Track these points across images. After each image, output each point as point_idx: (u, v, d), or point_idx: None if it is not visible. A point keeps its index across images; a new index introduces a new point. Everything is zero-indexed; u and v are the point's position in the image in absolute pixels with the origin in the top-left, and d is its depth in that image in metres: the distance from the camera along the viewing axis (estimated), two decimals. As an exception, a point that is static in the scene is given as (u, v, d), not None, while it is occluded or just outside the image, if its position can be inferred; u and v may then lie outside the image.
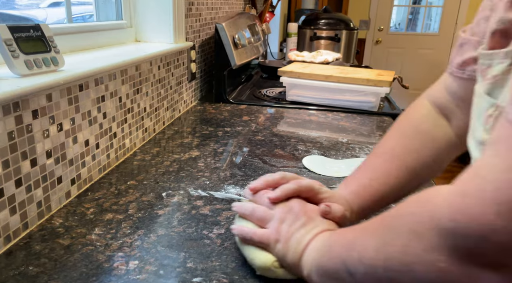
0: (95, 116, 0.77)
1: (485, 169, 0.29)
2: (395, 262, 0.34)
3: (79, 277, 0.51)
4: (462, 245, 0.28)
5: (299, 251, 0.49)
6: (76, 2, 1.03)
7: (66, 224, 0.63)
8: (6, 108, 0.55)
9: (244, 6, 2.04)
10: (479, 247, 0.27)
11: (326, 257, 0.45)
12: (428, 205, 0.32)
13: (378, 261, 0.36)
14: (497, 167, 0.28)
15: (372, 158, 0.62)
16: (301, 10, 3.19)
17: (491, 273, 0.28)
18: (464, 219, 0.28)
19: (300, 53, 1.89)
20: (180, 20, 1.16)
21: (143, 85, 0.97)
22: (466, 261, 0.28)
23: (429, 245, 0.30)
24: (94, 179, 0.78)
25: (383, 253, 0.35)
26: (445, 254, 0.29)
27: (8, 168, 0.56)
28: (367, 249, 0.38)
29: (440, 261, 0.29)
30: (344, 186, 0.61)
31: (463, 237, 0.28)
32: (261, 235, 0.52)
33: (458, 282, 0.29)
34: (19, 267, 0.53)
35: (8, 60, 0.59)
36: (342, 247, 0.43)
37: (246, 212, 0.56)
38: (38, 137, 0.62)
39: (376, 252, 0.36)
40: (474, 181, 0.29)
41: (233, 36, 1.34)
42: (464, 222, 0.28)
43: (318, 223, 0.51)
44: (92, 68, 0.71)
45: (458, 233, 0.28)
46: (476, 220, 0.27)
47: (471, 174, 0.30)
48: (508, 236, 0.26)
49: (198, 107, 1.34)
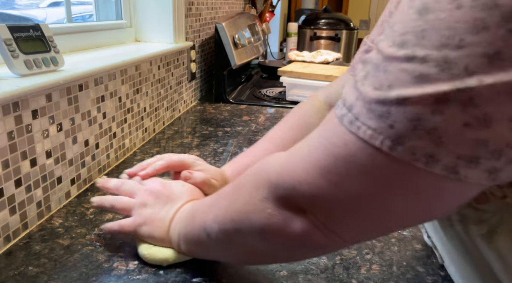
0: (95, 116, 0.77)
1: (309, 135, 0.35)
2: (238, 214, 0.40)
3: (79, 277, 0.51)
4: (281, 194, 0.35)
5: (166, 226, 0.52)
6: (76, 2, 1.03)
7: (66, 224, 0.63)
8: (6, 108, 0.55)
9: (244, 6, 2.04)
10: (291, 195, 0.34)
11: (190, 225, 0.49)
12: (266, 164, 0.38)
13: (227, 216, 0.42)
14: (315, 133, 0.34)
15: (259, 143, 0.67)
16: (301, 10, 3.18)
17: (299, 216, 0.35)
18: (284, 173, 0.35)
19: (300, 53, 1.88)
20: (180, 20, 1.16)
21: (143, 85, 0.97)
22: (283, 207, 0.36)
23: (262, 195, 0.37)
24: (94, 179, 0.78)
25: (231, 208, 0.41)
26: (271, 202, 0.36)
27: (8, 168, 0.56)
28: (220, 208, 0.44)
29: (268, 208, 0.36)
30: (227, 165, 0.66)
31: (282, 188, 0.35)
32: (125, 225, 0.55)
33: (279, 224, 0.36)
34: (18, 267, 0.52)
35: (8, 60, 0.59)
36: (203, 212, 0.48)
37: (106, 205, 0.57)
38: (38, 137, 0.62)
39: (226, 209, 0.42)
40: (300, 144, 0.36)
41: (233, 36, 1.34)
42: (284, 176, 0.35)
43: (180, 196, 0.55)
44: (92, 68, 0.71)
45: (280, 184, 0.35)
46: (290, 173, 0.34)
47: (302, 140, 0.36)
48: (308, 188, 0.33)
49: (198, 107, 1.33)
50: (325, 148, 0.32)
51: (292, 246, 0.37)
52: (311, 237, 0.35)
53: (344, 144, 0.30)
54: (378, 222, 0.33)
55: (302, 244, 0.36)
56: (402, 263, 0.56)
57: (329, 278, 0.52)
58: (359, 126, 0.29)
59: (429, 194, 0.29)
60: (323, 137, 0.33)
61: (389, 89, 0.27)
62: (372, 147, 0.28)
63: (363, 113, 0.29)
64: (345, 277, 0.53)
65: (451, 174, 0.26)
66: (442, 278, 0.53)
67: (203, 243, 0.47)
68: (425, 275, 0.54)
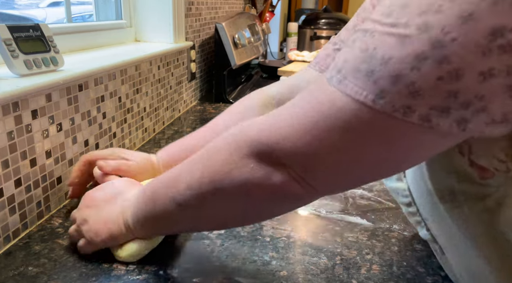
0: (95, 116, 0.77)
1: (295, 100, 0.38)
2: (218, 173, 0.41)
3: (78, 277, 0.51)
4: (262, 150, 0.37)
5: (118, 219, 0.53)
6: (76, 1, 1.03)
7: (65, 224, 0.63)
8: (6, 108, 0.55)
9: (244, 6, 2.04)
10: (273, 151, 0.37)
11: (149, 204, 0.49)
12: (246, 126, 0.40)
13: (204, 179, 0.42)
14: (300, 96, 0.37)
15: (198, 130, 0.69)
16: (301, 9, 3.18)
17: (279, 170, 0.37)
18: (265, 130, 0.38)
19: (300, 53, 1.88)
20: (180, 20, 1.16)
21: (143, 85, 0.97)
22: (264, 162, 0.38)
23: (243, 153, 0.39)
24: (94, 179, 0.78)
25: (208, 170, 0.42)
26: (253, 158, 0.38)
27: (8, 168, 0.56)
28: (194, 173, 0.44)
29: (251, 163, 0.38)
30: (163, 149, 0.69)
31: (264, 144, 0.37)
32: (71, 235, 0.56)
33: (261, 177, 0.38)
34: (18, 267, 0.52)
35: (8, 60, 0.59)
36: (166, 187, 0.47)
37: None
38: (38, 138, 0.62)
39: (202, 173, 0.43)
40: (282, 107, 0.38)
41: (233, 36, 1.34)
42: (265, 133, 0.37)
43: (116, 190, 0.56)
44: (92, 68, 0.71)
45: (261, 141, 0.37)
46: (273, 130, 0.37)
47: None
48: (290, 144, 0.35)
49: (198, 107, 1.33)
50: (312, 106, 0.35)
51: (271, 198, 0.40)
52: (289, 188, 0.37)
53: (331, 102, 0.33)
54: (353, 174, 0.36)
55: (281, 195, 0.39)
56: (402, 263, 0.56)
57: (329, 278, 0.52)
58: (346, 84, 0.32)
59: (404, 143, 0.32)
60: (310, 97, 0.36)
61: (374, 51, 0.31)
62: (357, 102, 0.31)
63: (351, 73, 0.32)
64: (345, 277, 0.53)
65: (425, 122, 0.30)
66: (443, 278, 0.53)
67: (172, 215, 0.47)
68: (425, 275, 0.53)
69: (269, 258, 0.56)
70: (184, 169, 0.46)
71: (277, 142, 0.36)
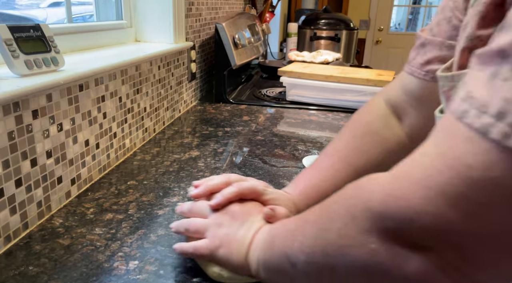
0: (95, 116, 0.77)
1: (419, 155, 0.29)
2: (332, 247, 0.34)
3: (79, 277, 0.51)
4: (390, 226, 0.29)
5: (244, 251, 0.48)
6: (76, 2, 1.03)
7: (66, 224, 0.63)
8: (6, 108, 0.55)
9: (244, 6, 2.04)
10: (405, 229, 0.28)
11: (269, 251, 0.44)
12: (363, 189, 0.32)
13: (316, 247, 0.36)
14: (430, 152, 0.28)
15: (322, 157, 0.62)
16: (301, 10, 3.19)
17: (416, 255, 0.28)
18: (392, 201, 0.28)
19: (300, 53, 1.89)
20: (180, 20, 1.16)
21: (143, 85, 0.97)
22: (393, 243, 0.29)
23: (362, 227, 0.31)
24: (94, 179, 0.78)
25: (321, 238, 0.36)
26: (375, 236, 0.30)
27: (8, 168, 0.56)
28: (306, 236, 0.38)
29: (371, 243, 0.30)
30: (293, 186, 0.60)
31: (391, 219, 0.28)
32: (200, 248, 0.50)
33: (387, 263, 0.30)
34: (19, 267, 0.53)
35: (8, 60, 0.59)
36: (284, 239, 0.42)
37: (180, 230, 0.53)
38: (38, 138, 0.62)
39: (315, 239, 0.36)
40: (407, 166, 0.30)
41: (233, 36, 1.34)
42: (392, 204, 0.28)
43: (257, 217, 0.51)
44: (92, 68, 0.71)
45: (387, 215, 0.29)
46: (403, 202, 0.28)
47: (407, 160, 0.30)
48: (432, 220, 0.26)
49: (198, 107, 1.34)
50: (455, 170, 0.25)
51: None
52: (431, 281, 0.28)
53: (486, 164, 0.24)
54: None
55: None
56: (402, 263, 0.56)
57: (329, 278, 0.52)
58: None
59: None
60: (450, 155, 0.26)
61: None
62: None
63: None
64: (345, 277, 0.53)
65: None
66: (442, 278, 0.53)
67: (287, 273, 0.41)
68: (425, 275, 0.53)
69: (269, 258, 0.56)
70: (300, 224, 0.40)
71: (410, 219, 0.27)
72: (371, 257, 0.30)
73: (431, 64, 0.52)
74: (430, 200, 0.26)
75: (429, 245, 0.27)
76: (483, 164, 0.24)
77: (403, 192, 0.28)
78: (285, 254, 0.40)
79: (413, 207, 0.27)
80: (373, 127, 0.61)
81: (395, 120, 0.61)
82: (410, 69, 0.56)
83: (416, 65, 0.54)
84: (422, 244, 0.28)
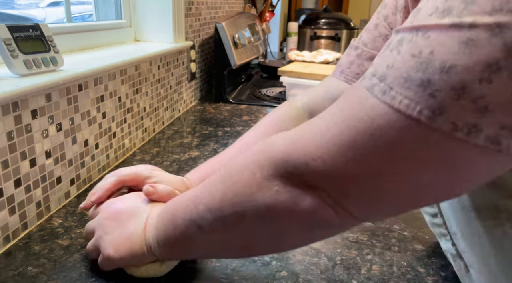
0: (95, 116, 0.77)
1: (326, 112, 0.34)
2: (240, 197, 0.37)
3: (78, 278, 0.51)
4: (290, 171, 0.33)
5: (140, 239, 0.47)
6: (76, 1, 1.03)
7: (65, 224, 0.63)
8: (5, 108, 0.55)
9: (244, 6, 2.04)
10: (302, 172, 0.33)
11: (171, 225, 0.45)
12: (268, 143, 0.37)
13: (225, 201, 0.39)
14: (334, 110, 0.33)
15: (227, 149, 0.64)
16: (301, 9, 3.18)
17: (309, 193, 0.33)
18: (292, 148, 0.33)
19: (300, 53, 1.88)
20: (180, 20, 1.16)
21: (143, 85, 0.97)
22: (292, 185, 0.34)
23: (267, 173, 0.35)
24: (94, 179, 0.78)
25: (230, 191, 0.38)
26: (278, 180, 0.34)
27: (7, 168, 0.56)
28: (213, 195, 0.40)
29: (275, 186, 0.34)
30: (193, 172, 0.62)
31: (292, 165, 0.33)
32: (102, 265, 0.50)
33: (287, 202, 0.34)
34: (18, 267, 0.52)
35: (7, 60, 0.59)
36: (186, 208, 0.43)
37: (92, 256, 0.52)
38: (37, 138, 0.61)
39: (223, 194, 0.39)
40: (313, 121, 0.34)
41: (233, 35, 1.34)
42: (292, 151, 0.33)
43: (141, 205, 0.51)
44: (92, 68, 0.71)
45: (288, 161, 0.33)
46: (301, 149, 0.33)
47: (315, 117, 0.35)
48: (323, 164, 0.31)
49: (198, 107, 1.33)
50: (347, 123, 0.30)
51: (299, 226, 0.35)
52: (321, 214, 0.33)
53: (371, 117, 0.28)
54: (399, 199, 0.31)
55: (311, 222, 0.34)
56: (403, 263, 0.56)
57: (329, 278, 0.52)
58: (393, 96, 0.27)
59: (463, 166, 0.27)
60: (345, 111, 0.31)
61: (431, 55, 0.26)
62: (407, 118, 0.26)
63: (399, 82, 0.27)
64: (345, 277, 0.52)
65: (493, 145, 0.25)
66: (443, 278, 0.53)
67: (193, 239, 0.43)
68: (425, 276, 0.53)
69: (269, 258, 0.56)
70: (204, 189, 0.43)
71: (305, 163, 0.32)
72: (275, 198, 0.35)
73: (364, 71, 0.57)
74: (323, 147, 0.31)
75: (319, 185, 0.32)
76: (369, 116, 0.28)
77: (303, 141, 0.33)
78: (190, 220, 0.42)
79: (309, 154, 0.32)
80: (283, 126, 0.62)
81: (306, 119, 0.62)
82: (344, 77, 0.60)
83: (351, 74, 0.59)
84: (314, 184, 0.33)
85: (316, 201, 0.33)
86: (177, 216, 0.44)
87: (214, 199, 0.40)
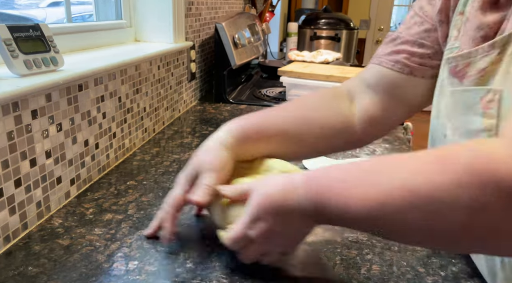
0: (95, 116, 0.77)
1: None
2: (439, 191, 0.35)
3: (78, 278, 0.51)
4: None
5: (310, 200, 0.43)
6: (76, 1, 1.03)
7: (65, 224, 0.63)
8: (6, 109, 0.55)
9: (244, 6, 2.04)
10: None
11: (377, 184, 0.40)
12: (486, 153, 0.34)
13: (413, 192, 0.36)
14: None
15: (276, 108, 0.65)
16: (301, 9, 3.18)
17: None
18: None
19: (300, 53, 1.88)
20: (180, 20, 1.16)
21: (143, 85, 0.97)
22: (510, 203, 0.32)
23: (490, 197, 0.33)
24: (94, 179, 0.78)
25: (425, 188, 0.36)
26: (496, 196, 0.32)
27: (8, 168, 0.56)
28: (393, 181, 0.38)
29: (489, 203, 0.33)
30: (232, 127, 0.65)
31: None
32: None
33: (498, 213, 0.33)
34: (18, 267, 0.52)
35: (8, 60, 0.59)
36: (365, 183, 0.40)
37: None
38: (38, 138, 0.62)
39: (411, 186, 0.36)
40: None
41: (233, 36, 1.34)
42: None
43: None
44: (92, 68, 0.71)
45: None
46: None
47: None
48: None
49: (198, 107, 1.33)
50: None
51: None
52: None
53: None
54: None
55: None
56: (402, 263, 0.56)
57: (329, 278, 0.52)
58: None
59: None
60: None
61: None
62: None
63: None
64: (345, 277, 0.53)
65: None
66: (443, 278, 0.53)
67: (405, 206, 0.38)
68: (425, 275, 0.53)
69: (269, 258, 0.56)
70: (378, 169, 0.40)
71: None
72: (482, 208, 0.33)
73: (399, 54, 0.57)
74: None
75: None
76: None
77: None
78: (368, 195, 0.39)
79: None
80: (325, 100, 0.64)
81: (348, 101, 0.63)
82: (377, 60, 0.60)
83: (383, 55, 0.59)
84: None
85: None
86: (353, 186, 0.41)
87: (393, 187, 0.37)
